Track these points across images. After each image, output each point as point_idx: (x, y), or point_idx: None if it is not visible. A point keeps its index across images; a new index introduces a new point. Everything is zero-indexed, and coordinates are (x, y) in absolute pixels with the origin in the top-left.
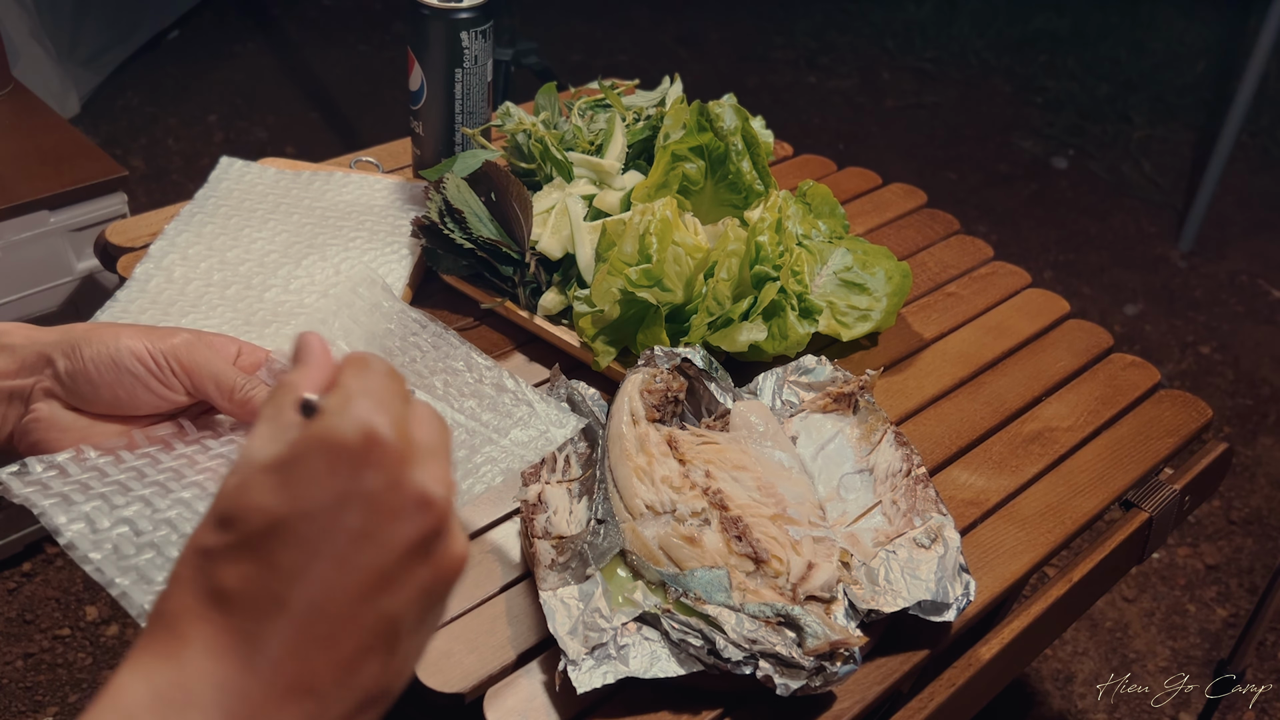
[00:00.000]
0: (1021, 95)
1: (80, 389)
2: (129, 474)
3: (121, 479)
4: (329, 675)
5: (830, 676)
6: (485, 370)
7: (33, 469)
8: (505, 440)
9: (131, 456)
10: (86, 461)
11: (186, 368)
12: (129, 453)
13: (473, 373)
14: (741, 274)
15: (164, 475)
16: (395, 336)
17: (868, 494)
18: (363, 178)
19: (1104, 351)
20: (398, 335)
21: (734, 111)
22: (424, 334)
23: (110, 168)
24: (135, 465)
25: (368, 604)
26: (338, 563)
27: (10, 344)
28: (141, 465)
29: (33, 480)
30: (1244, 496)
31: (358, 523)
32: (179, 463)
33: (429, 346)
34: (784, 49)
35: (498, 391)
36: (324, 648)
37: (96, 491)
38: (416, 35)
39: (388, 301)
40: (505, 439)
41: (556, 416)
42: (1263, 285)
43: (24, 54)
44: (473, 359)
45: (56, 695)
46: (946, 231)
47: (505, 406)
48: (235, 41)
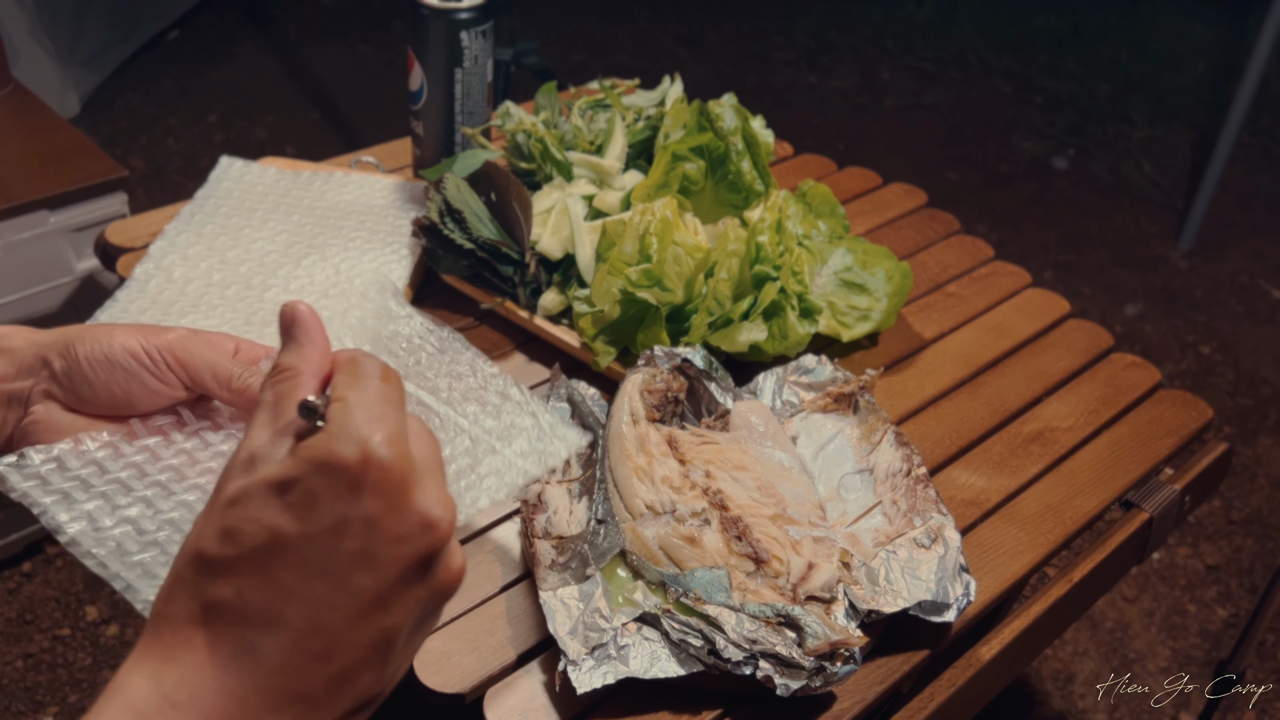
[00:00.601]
0: (1022, 95)
1: (77, 388)
2: (129, 471)
3: (122, 477)
4: (323, 686)
5: (830, 677)
6: (490, 377)
7: (31, 459)
8: (508, 451)
9: (130, 449)
10: (85, 454)
11: (182, 361)
12: (127, 444)
13: (477, 378)
14: (742, 274)
15: (165, 475)
16: (402, 339)
17: (868, 494)
18: (363, 178)
19: (1104, 351)
20: (404, 338)
21: (734, 111)
22: (430, 338)
23: (110, 168)
24: (135, 461)
25: (365, 622)
26: (336, 583)
27: (8, 347)
28: (141, 461)
29: (32, 473)
30: (1244, 496)
31: (358, 545)
32: (179, 459)
33: (435, 350)
34: (784, 49)
35: (501, 399)
36: (320, 662)
37: (98, 490)
38: (416, 35)
39: (396, 304)
40: (509, 449)
41: (561, 431)
42: (1263, 285)
43: (24, 54)
44: (478, 365)
45: (56, 695)
46: (946, 231)
47: (508, 415)
48: (235, 41)
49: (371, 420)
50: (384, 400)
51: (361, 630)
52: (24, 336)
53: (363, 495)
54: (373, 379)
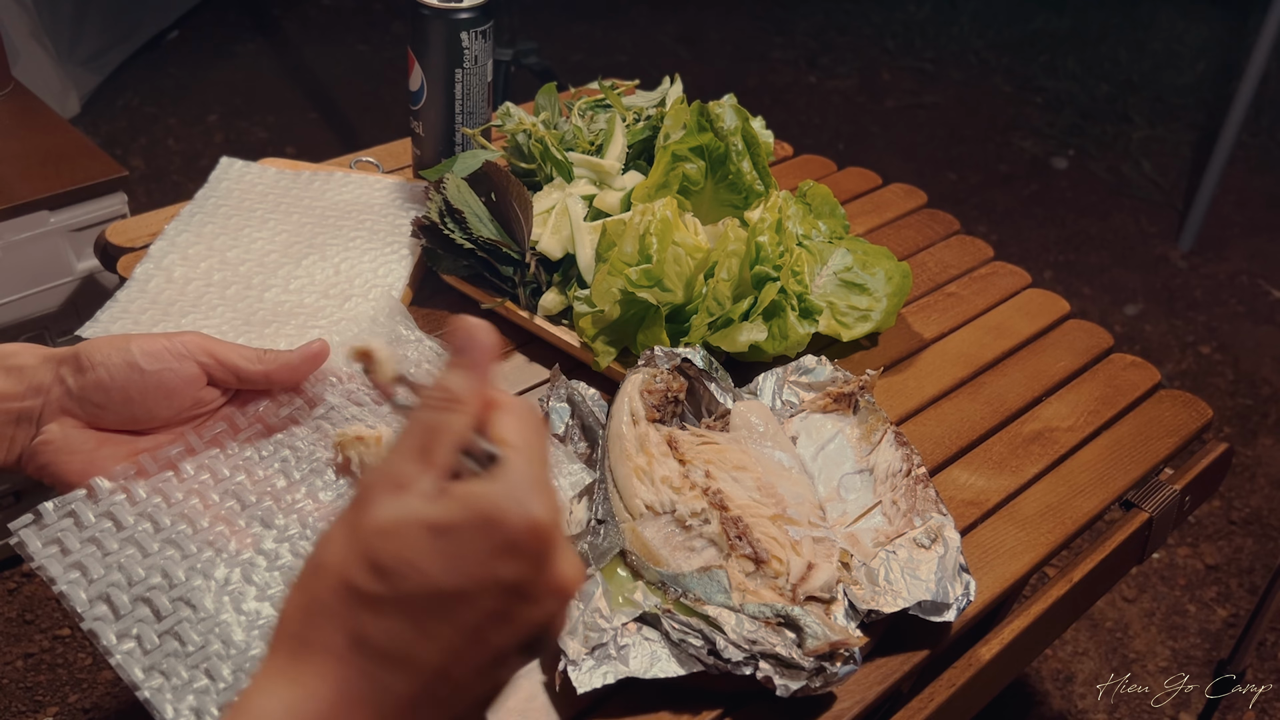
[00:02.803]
0: (1021, 95)
1: (93, 398)
2: (144, 526)
3: (136, 535)
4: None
5: (830, 677)
6: None
7: (47, 517)
8: None
9: (142, 491)
10: (99, 502)
11: (204, 347)
12: (140, 483)
13: None
14: (742, 274)
15: (179, 529)
16: (411, 364)
17: (868, 494)
18: (363, 178)
19: (1104, 351)
20: (413, 362)
21: (734, 111)
22: (440, 363)
23: (110, 168)
24: (148, 510)
25: (484, 675)
26: (473, 638)
27: (18, 365)
28: (154, 508)
29: (49, 537)
30: (1244, 496)
31: (499, 605)
32: (191, 502)
33: None
34: (784, 49)
35: None
36: (437, 707)
37: (114, 558)
38: (416, 35)
39: (405, 329)
40: None
41: (565, 467)
42: (1263, 285)
43: (24, 54)
44: None
45: (56, 695)
46: (946, 231)
47: None
48: (235, 41)
49: (537, 484)
50: (544, 461)
51: (479, 682)
52: (35, 354)
53: (516, 559)
54: (538, 434)
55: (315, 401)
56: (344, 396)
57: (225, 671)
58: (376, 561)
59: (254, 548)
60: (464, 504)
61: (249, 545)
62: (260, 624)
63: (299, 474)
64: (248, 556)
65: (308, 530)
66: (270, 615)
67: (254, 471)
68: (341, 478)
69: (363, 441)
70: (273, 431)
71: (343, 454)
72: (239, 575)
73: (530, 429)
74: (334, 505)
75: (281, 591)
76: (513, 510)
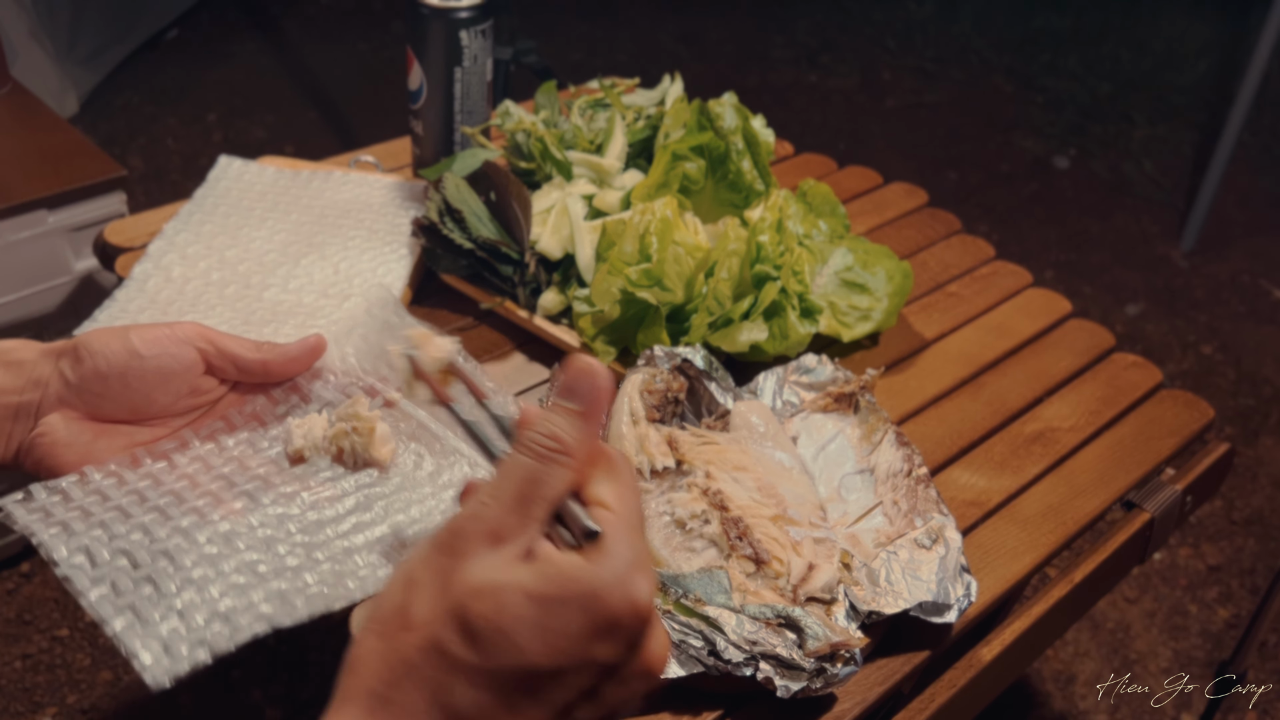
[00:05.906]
0: (1022, 94)
1: (93, 387)
2: (130, 498)
3: (123, 503)
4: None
5: (831, 678)
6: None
7: (37, 496)
8: None
9: (134, 476)
10: (90, 484)
11: (204, 334)
12: (132, 471)
13: None
14: (742, 274)
15: (165, 500)
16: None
17: (868, 494)
18: (362, 177)
19: (1105, 351)
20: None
21: (734, 110)
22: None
23: (109, 167)
24: (138, 488)
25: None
26: (559, 714)
27: (16, 359)
28: (144, 488)
29: (36, 508)
30: (1245, 497)
31: (590, 683)
32: (180, 484)
33: None
34: (784, 48)
35: None
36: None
37: (97, 519)
38: (416, 34)
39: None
40: None
41: None
42: (1264, 285)
43: (23, 54)
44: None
45: (55, 696)
46: (947, 231)
47: None
48: (234, 41)
49: (639, 566)
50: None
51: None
52: (33, 349)
53: (614, 641)
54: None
55: (311, 398)
56: (339, 392)
57: (199, 619)
58: (470, 625)
59: (241, 518)
60: (567, 577)
61: (237, 514)
62: (239, 584)
63: (296, 469)
64: (230, 527)
65: (294, 509)
66: (250, 583)
67: (247, 462)
68: (336, 465)
69: (358, 432)
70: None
71: (337, 445)
72: (223, 539)
73: (630, 491)
74: (327, 492)
75: (264, 562)
76: (616, 592)
